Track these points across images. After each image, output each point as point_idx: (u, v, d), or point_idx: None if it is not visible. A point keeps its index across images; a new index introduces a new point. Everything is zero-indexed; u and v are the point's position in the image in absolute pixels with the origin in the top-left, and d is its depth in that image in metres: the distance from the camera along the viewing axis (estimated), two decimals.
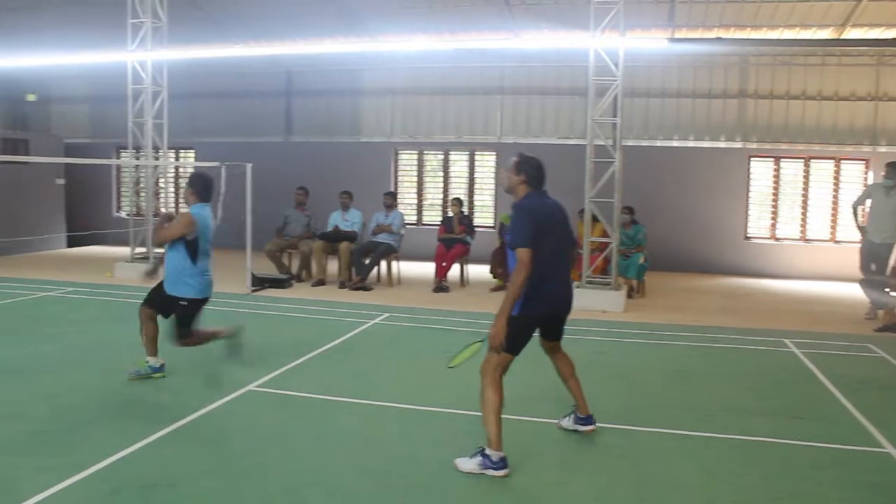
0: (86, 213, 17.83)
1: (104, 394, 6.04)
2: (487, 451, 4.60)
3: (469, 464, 4.63)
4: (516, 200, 4.89)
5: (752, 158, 14.77)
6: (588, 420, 5.29)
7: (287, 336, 8.44)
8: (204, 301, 6.49)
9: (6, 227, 14.89)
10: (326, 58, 15.70)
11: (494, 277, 12.07)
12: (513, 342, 4.66)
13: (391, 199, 12.46)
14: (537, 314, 4.84)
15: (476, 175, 16.12)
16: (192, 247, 6.40)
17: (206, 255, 6.53)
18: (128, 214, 15.01)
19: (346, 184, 13.09)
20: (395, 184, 16.36)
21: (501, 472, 4.54)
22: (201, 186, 6.72)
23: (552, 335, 5.22)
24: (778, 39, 13.19)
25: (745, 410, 5.96)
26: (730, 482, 4.53)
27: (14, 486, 4.18)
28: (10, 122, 18.85)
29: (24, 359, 7.04)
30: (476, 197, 16.17)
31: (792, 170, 14.82)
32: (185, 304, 6.40)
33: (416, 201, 16.45)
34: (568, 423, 5.37)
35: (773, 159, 14.75)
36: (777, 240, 14.81)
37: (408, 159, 16.56)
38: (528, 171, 4.89)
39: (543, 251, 4.65)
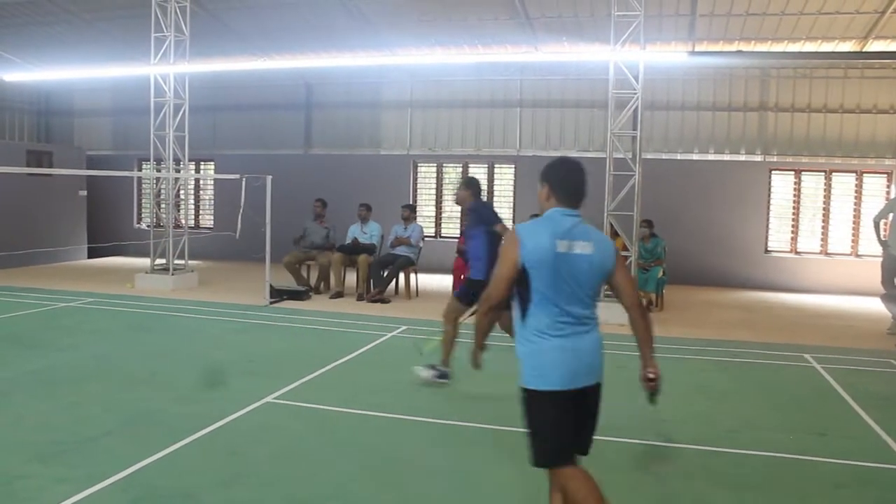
0: (107, 225, 17.98)
1: (123, 404, 6.05)
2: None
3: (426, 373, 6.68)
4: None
5: (772, 171, 14.68)
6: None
7: (305, 348, 8.45)
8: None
9: (29, 237, 15.04)
10: (346, 71, 15.80)
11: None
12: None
13: (410, 212, 12.47)
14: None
15: (495, 187, 16.12)
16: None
17: None
18: (148, 226, 15.13)
19: (365, 196, 13.13)
20: (414, 196, 16.39)
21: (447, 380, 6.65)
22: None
23: None
24: (799, 52, 13.12)
25: (767, 426, 5.89)
26: (755, 500, 4.48)
27: (35, 495, 4.21)
28: (34, 134, 19.08)
29: (44, 369, 7.09)
30: (495, 210, 16.11)
31: (813, 183, 14.71)
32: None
33: (434, 214, 16.46)
34: None
35: (793, 172, 14.65)
36: (798, 253, 14.68)
37: (427, 172, 16.59)
38: (475, 186, 7.25)
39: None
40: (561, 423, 3.40)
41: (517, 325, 3.48)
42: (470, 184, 7.41)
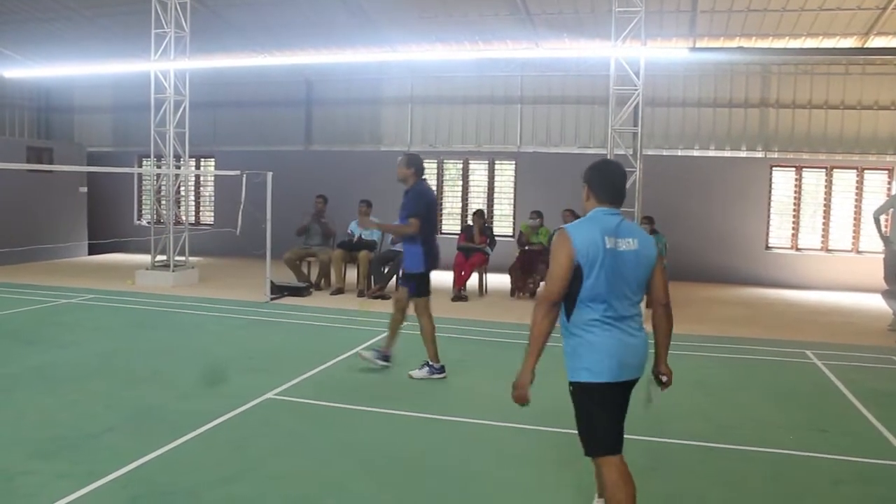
0: (107, 221, 17.97)
1: (125, 401, 6.06)
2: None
3: (417, 372, 6.89)
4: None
5: (773, 168, 14.67)
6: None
7: (306, 344, 8.45)
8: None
9: (30, 234, 15.03)
10: (346, 67, 15.78)
11: (512, 294, 12.03)
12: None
13: None
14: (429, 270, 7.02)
15: (495, 184, 16.11)
16: None
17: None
18: (149, 222, 15.12)
19: (366, 192, 13.10)
20: None
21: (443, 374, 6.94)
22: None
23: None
24: (801, 49, 13.10)
25: (768, 423, 5.89)
26: (754, 496, 4.48)
27: (36, 491, 4.21)
28: (34, 131, 19.07)
29: (46, 366, 7.09)
30: (495, 206, 16.16)
31: (814, 179, 14.71)
32: None
33: None
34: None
35: (794, 169, 14.64)
36: (798, 250, 14.68)
37: (427, 168, 16.52)
38: (417, 163, 7.05)
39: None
40: (608, 415, 3.56)
41: (562, 321, 3.54)
42: (412, 161, 7.20)
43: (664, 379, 3.81)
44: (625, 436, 3.57)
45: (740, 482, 4.68)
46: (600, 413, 3.53)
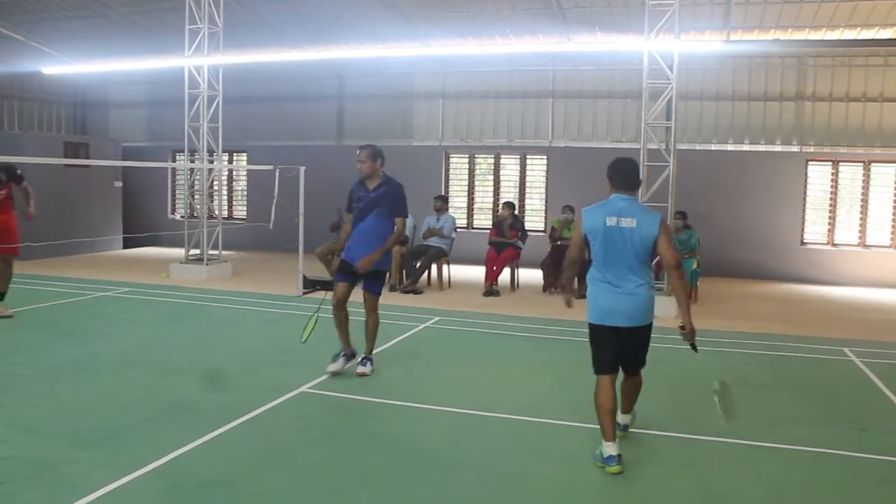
0: (142, 215, 18.19)
1: (160, 392, 6.13)
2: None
3: (365, 368, 6.73)
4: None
5: (809, 162, 14.46)
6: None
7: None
8: None
9: (67, 228, 15.25)
10: (378, 61, 15.79)
11: (544, 290, 11.97)
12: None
13: (442, 203, 12.46)
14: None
15: (527, 179, 16.06)
16: None
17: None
18: (182, 216, 15.29)
19: None
20: (446, 187, 16.38)
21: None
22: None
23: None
24: (839, 40, 12.88)
25: (807, 420, 5.82)
26: (794, 495, 4.43)
27: (78, 480, 4.27)
28: (71, 126, 19.35)
29: (83, 358, 7.19)
30: (527, 201, 16.11)
31: (851, 174, 14.47)
32: None
33: (466, 205, 16.44)
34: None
35: (831, 163, 14.41)
36: (834, 245, 14.45)
37: (459, 163, 16.57)
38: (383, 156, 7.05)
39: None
40: (602, 347, 4.80)
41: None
42: (379, 153, 7.27)
43: (680, 324, 4.99)
44: (659, 433, 3.53)
45: (781, 481, 4.61)
46: (596, 345, 4.82)
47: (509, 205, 12.48)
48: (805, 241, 14.53)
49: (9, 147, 13.85)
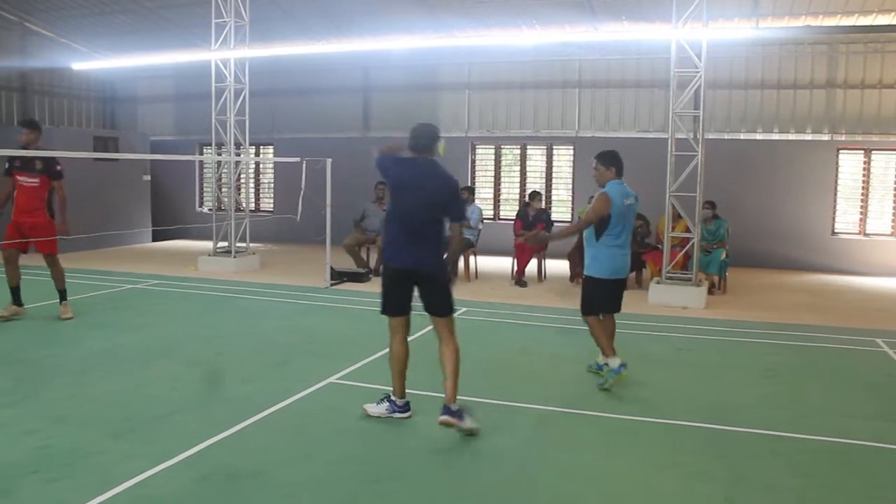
0: (170, 208, 18.36)
1: (189, 384, 6.19)
2: (393, 398, 5.38)
3: (377, 408, 5.36)
4: None
5: (840, 150, 14.24)
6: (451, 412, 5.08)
7: (366, 329, 8.48)
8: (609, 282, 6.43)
9: (97, 221, 15.42)
10: (404, 53, 15.75)
11: (571, 280, 11.89)
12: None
13: (468, 194, 12.42)
14: (392, 267, 5.35)
15: (553, 169, 15.98)
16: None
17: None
18: (210, 209, 15.40)
19: None
20: (472, 178, 16.35)
21: (406, 414, 5.33)
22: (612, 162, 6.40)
23: (426, 307, 5.37)
24: (872, 25, 12.63)
25: (839, 412, 5.74)
26: (826, 486, 4.38)
27: (110, 469, 4.33)
28: (100, 121, 19.55)
29: (115, 349, 7.28)
30: (553, 191, 16.03)
31: (883, 162, 14.24)
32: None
33: (492, 196, 16.40)
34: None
35: (863, 151, 14.19)
36: (866, 235, 14.24)
37: (485, 154, 16.53)
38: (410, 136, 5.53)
39: (396, 209, 5.33)
40: (604, 295, 6.38)
41: (590, 238, 6.34)
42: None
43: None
44: (687, 423, 3.52)
45: (813, 472, 4.57)
46: (604, 295, 6.38)
47: (535, 195, 12.39)
48: (836, 230, 14.33)
49: (40, 142, 14.02)
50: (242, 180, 14.15)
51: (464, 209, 6.32)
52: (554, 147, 15.95)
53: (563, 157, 15.91)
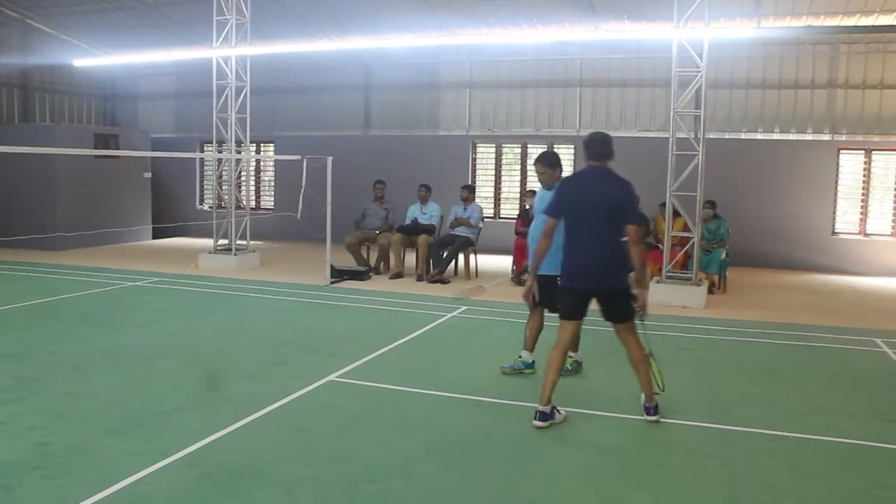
0: (170, 206, 18.36)
1: (189, 381, 6.20)
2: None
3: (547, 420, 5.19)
4: None
5: (841, 151, 14.23)
6: (648, 409, 5.36)
7: (366, 328, 8.51)
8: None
9: (97, 218, 15.46)
10: (405, 51, 15.76)
11: None
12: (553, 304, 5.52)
13: (469, 192, 12.43)
14: (567, 286, 5.34)
15: None
16: None
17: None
18: (210, 207, 15.41)
19: (424, 177, 13.12)
20: (473, 177, 16.35)
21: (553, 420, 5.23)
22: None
23: (606, 314, 5.32)
24: (873, 26, 12.64)
25: (838, 411, 5.75)
26: (824, 485, 4.39)
27: (109, 467, 4.34)
28: (101, 118, 19.56)
29: (115, 346, 7.28)
30: None
31: (884, 162, 14.23)
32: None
33: (493, 195, 16.40)
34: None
35: (863, 152, 14.18)
36: (866, 235, 14.23)
37: (486, 152, 16.53)
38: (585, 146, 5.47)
39: (567, 224, 5.25)
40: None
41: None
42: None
43: None
44: (686, 422, 3.52)
45: (810, 472, 4.58)
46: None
47: (533, 194, 12.38)
48: (836, 230, 14.33)
49: (41, 139, 14.06)
50: (243, 178, 14.16)
51: (637, 213, 5.66)
52: (555, 146, 15.88)
53: (564, 156, 15.86)
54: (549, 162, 6.44)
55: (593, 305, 5.33)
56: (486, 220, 13.35)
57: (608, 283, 5.22)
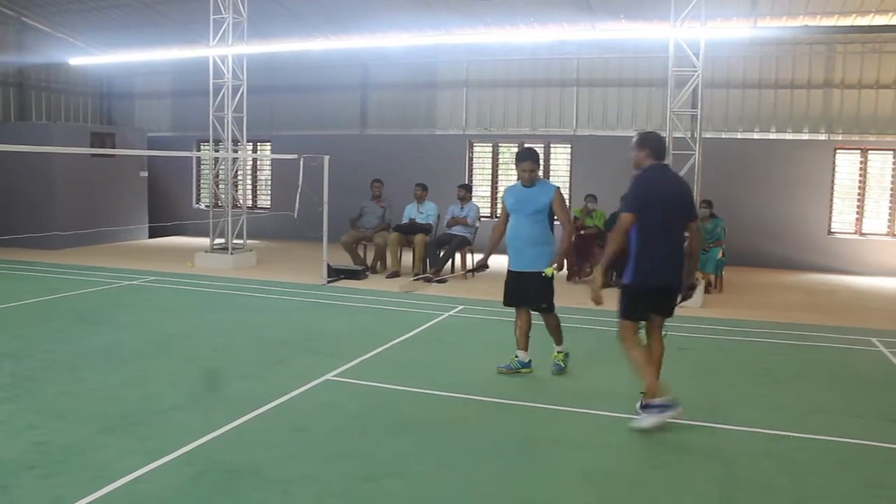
0: (167, 205, 18.33)
1: (186, 380, 6.19)
2: (650, 402, 5.07)
3: (646, 421, 5.04)
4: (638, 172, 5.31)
5: (837, 150, 14.26)
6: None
7: (363, 327, 8.51)
8: None
9: (93, 217, 15.43)
10: (402, 50, 15.77)
11: (569, 279, 11.85)
12: (626, 309, 5.23)
13: (466, 192, 12.44)
14: (643, 287, 5.19)
15: (551, 167, 15.98)
16: None
17: None
18: (207, 206, 15.39)
19: (421, 176, 13.11)
20: (470, 176, 16.35)
21: (673, 412, 5.04)
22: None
23: (660, 310, 5.33)
24: (869, 26, 12.66)
25: (836, 411, 5.75)
26: (823, 485, 4.39)
27: (106, 466, 4.33)
28: (97, 116, 19.52)
29: (112, 345, 7.27)
30: None
31: (880, 162, 14.26)
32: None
33: (490, 194, 16.40)
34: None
35: (859, 151, 14.21)
36: (862, 235, 14.26)
37: (482, 152, 16.53)
38: (650, 144, 5.26)
39: (648, 221, 5.08)
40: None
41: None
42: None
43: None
44: (684, 422, 3.53)
45: (809, 472, 4.58)
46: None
47: None
48: (832, 230, 14.35)
49: (37, 137, 14.03)
50: (240, 177, 14.14)
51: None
52: (551, 145, 15.95)
53: (561, 156, 15.90)
54: (537, 159, 6.66)
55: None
56: (482, 219, 13.35)
57: (679, 280, 5.27)
